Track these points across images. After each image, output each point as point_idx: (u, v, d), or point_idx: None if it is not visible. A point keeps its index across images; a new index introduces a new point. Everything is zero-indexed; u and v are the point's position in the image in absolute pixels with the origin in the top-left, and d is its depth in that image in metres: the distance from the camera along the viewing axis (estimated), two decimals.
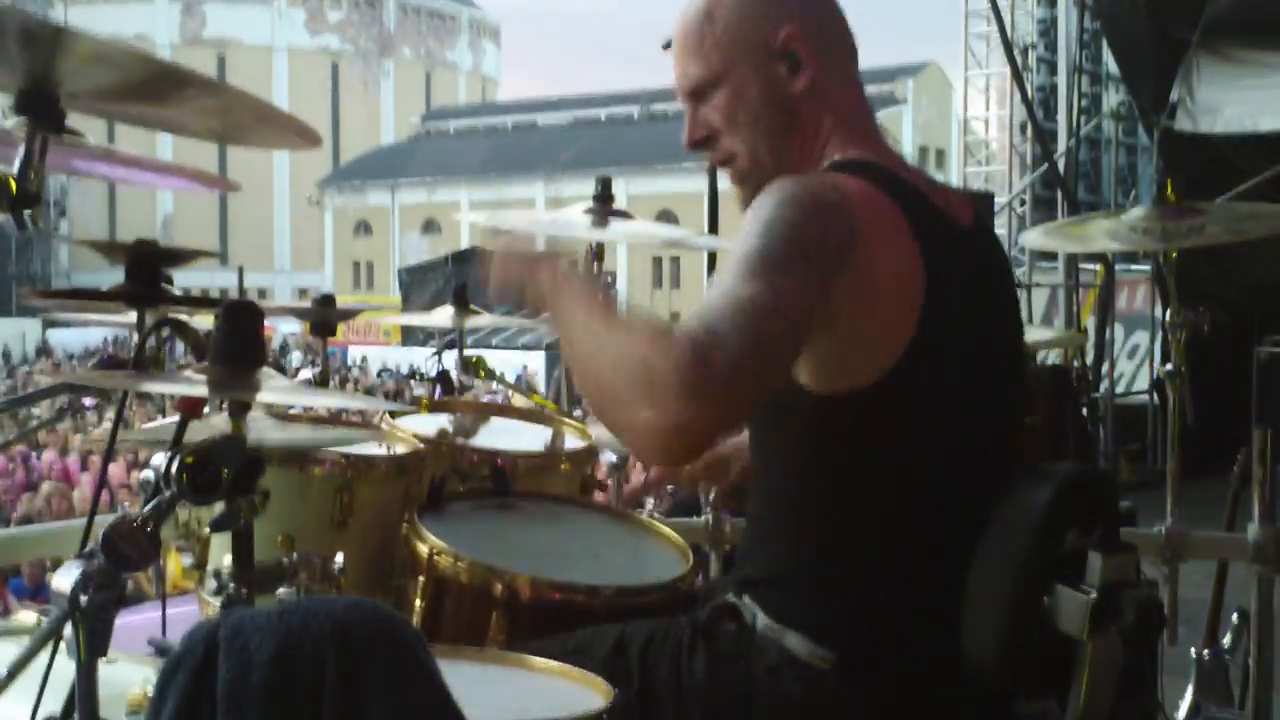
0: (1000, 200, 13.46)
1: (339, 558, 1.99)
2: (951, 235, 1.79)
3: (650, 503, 5.73)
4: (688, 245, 4.04)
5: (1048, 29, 14.21)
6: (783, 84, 1.85)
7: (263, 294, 40.41)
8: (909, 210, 1.73)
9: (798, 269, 1.60)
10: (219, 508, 1.65)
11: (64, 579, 1.42)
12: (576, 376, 1.67)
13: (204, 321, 1.87)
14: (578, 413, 4.04)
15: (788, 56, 1.84)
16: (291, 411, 2.60)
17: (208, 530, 2.33)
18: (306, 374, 3.11)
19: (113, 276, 2.31)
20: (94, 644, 1.43)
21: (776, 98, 1.85)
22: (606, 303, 1.65)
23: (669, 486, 5.76)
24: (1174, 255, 3.30)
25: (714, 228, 4.79)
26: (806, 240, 1.63)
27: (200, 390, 1.73)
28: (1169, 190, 3.16)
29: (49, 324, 34.17)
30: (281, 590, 1.85)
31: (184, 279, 2.38)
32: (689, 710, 1.81)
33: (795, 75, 1.84)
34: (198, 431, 1.69)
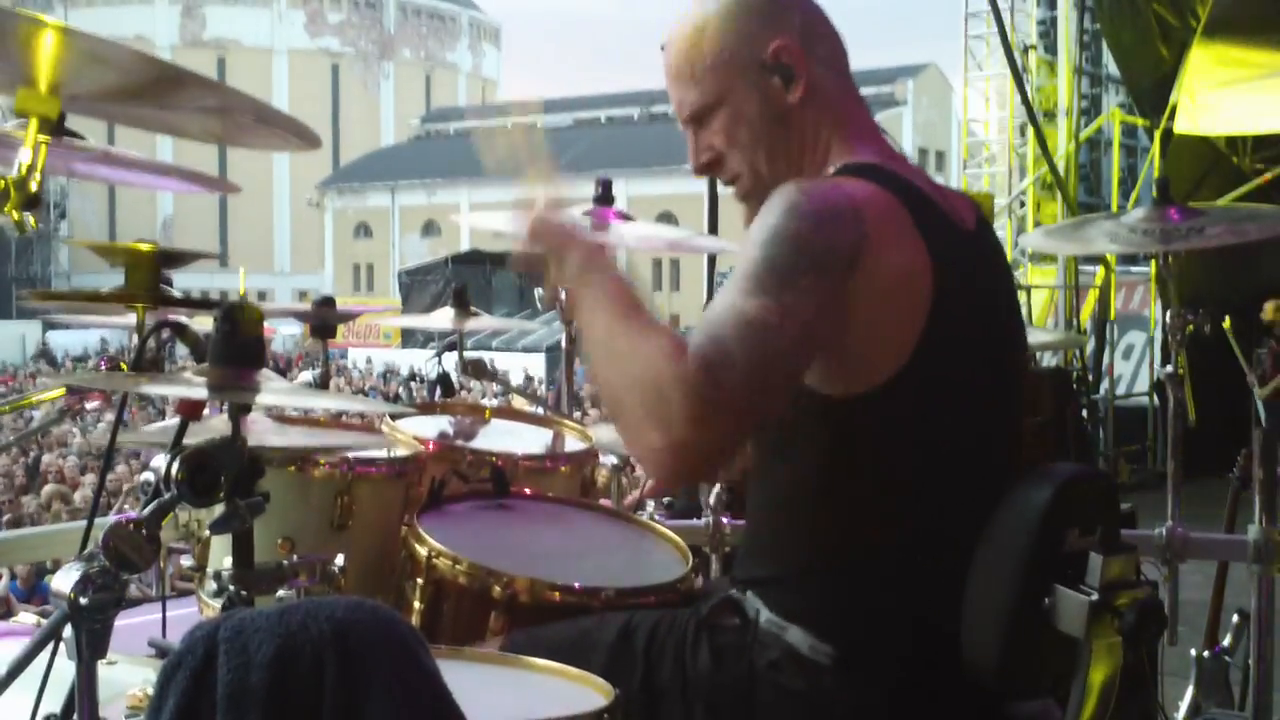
0: (1000, 202, 13.48)
1: (339, 559, 1.99)
2: (957, 236, 1.79)
3: (650, 505, 5.74)
4: (688, 247, 4.04)
5: (1048, 30, 14.21)
6: (779, 97, 1.85)
7: (262, 296, 40.39)
8: (916, 212, 1.73)
9: (805, 281, 1.62)
10: (219, 509, 1.66)
11: (64, 581, 1.42)
12: (591, 372, 1.70)
13: (204, 323, 1.86)
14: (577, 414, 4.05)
15: (780, 69, 1.84)
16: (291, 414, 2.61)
17: (208, 532, 2.34)
18: (306, 376, 3.11)
19: (113, 278, 2.31)
20: (94, 645, 1.43)
21: (775, 112, 1.86)
22: (631, 305, 1.68)
23: (665, 499, 5.77)
24: (1172, 259, 3.30)
25: (714, 228, 4.80)
26: (814, 249, 1.64)
27: (200, 392, 1.73)
28: (1169, 192, 3.16)
29: (49, 326, 34.18)
30: (281, 592, 1.85)
31: (184, 281, 2.39)
32: (692, 703, 1.82)
33: (790, 87, 1.85)
34: (198, 433, 1.69)
